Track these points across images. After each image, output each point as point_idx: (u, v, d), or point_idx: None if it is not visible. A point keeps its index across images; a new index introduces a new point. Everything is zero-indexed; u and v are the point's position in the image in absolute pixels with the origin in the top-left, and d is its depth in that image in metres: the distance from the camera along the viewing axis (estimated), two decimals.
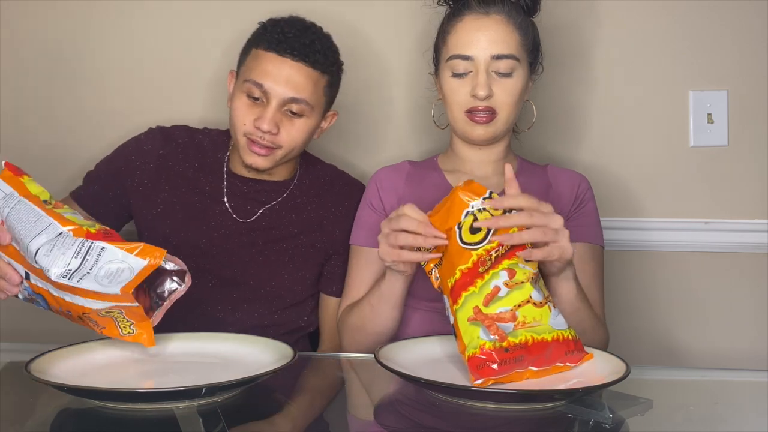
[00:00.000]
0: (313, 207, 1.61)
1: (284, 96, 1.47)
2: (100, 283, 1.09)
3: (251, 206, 1.58)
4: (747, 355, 1.81)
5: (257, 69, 1.48)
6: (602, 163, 1.85)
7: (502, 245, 1.15)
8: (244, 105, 1.49)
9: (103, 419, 1.07)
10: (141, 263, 1.09)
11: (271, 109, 1.47)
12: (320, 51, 1.49)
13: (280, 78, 1.46)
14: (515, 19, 1.45)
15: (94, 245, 1.09)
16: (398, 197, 1.54)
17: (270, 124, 1.47)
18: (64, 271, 1.08)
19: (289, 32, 1.48)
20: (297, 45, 1.47)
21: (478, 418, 1.07)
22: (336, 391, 1.29)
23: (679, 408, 1.18)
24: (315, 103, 1.50)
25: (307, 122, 1.51)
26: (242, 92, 1.49)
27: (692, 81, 1.83)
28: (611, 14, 1.83)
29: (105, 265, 1.08)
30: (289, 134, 1.50)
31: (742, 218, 1.82)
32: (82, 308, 1.12)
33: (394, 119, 1.87)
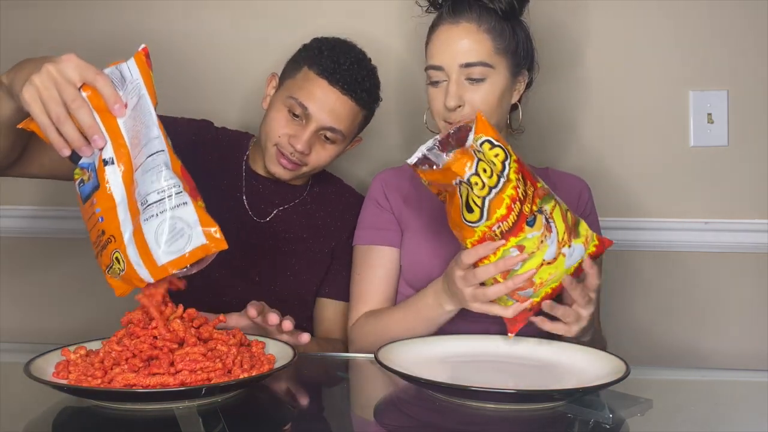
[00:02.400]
0: (321, 214, 1.65)
1: (324, 124, 1.50)
2: (156, 237, 1.04)
3: (266, 206, 1.61)
4: (747, 355, 1.82)
5: (305, 90, 1.50)
6: (602, 163, 1.85)
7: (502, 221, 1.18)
8: (283, 118, 1.52)
9: (103, 419, 1.07)
10: (200, 240, 1.05)
11: (308, 132, 1.50)
12: (367, 89, 1.54)
13: (325, 106, 1.50)
14: (487, 24, 1.44)
15: (181, 195, 1.05)
16: (403, 197, 1.55)
17: (304, 145, 1.50)
18: (143, 199, 1.05)
19: (344, 63, 1.51)
20: (349, 78, 1.51)
21: (478, 418, 1.07)
22: (336, 391, 1.29)
23: (679, 408, 1.18)
24: (349, 134, 1.55)
25: (336, 148, 1.55)
26: (283, 105, 1.52)
27: (692, 81, 1.83)
28: (611, 15, 1.83)
29: (173, 219, 1.04)
30: (318, 156, 1.54)
31: (742, 218, 1.82)
32: (120, 234, 1.08)
33: (390, 125, 1.87)
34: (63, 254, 1.97)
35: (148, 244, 1.05)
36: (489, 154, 1.18)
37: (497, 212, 1.17)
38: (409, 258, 1.50)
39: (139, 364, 1.09)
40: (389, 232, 1.53)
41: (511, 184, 1.17)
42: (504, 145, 1.20)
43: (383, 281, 1.51)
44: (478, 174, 1.17)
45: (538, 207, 1.20)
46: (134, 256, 1.06)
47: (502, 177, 1.17)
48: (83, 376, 1.07)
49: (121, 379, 1.06)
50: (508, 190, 1.17)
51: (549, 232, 1.20)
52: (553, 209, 1.21)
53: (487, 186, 1.17)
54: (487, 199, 1.17)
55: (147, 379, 1.05)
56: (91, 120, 1.09)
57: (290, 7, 1.88)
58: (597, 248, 1.27)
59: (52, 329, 1.96)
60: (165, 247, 1.04)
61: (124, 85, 1.11)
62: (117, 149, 1.10)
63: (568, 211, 1.25)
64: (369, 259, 1.53)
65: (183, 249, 1.05)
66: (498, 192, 1.17)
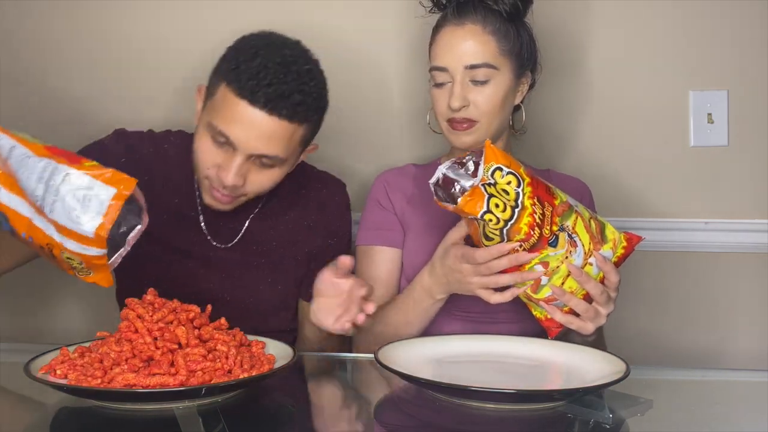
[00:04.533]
0: (290, 216, 1.51)
1: (253, 152, 1.30)
2: (69, 216, 1.03)
3: (227, 226, 1.46)
4: (747, 355, 1.82)
5: (224, 115, 1.29)
6: (602, 164, 1.85)
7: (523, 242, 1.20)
8: (208, 146, 1.32)
9: (103, 419, 1.07)
10: (110, 192, 1.04)
11: (236, 164, 1.30)
12: (301, 102, 1.29)
13: (250, 132, 1.28)
14: (492, 26, 1.44)
15: (59, 169, 1.04)
16: (406, 198, 1.55)
17: (234, 178, 1.31)
18: (34, 197, 1.04)
19: (264, 76, 1.27)
20: (274, 95, 1.27)
21: (478, 418, 1.07)
22: (336, 391, 1.29)
23: (679, 408, 1.18)
24: (289, 155, 1.34)
25: (278, 171, 1.36)
26: (206, 132, 1.32)
27: (692, 81, 1.83)
28: (611, 15, 1.83)
29: (70, 193, 1.03)
30: (255, 183, 1.35)
31: (742, 218, 1.82)
32: (50, 238, 1.07)
33: (393, 126, 1.87)
34: None
35: (71, 228, 1.05)
36: (501, 183, 1.18)
37: (516, 237, 1.20)
38: (411, 257, 1.51)
39: (139, 364, 1.09)
40: (391, 233, 1.53)
41: (526, 212, 1.18)
42: (516, 170, 1.20)
43: (385, 281, 1.51)
44: (490, 211, 1.18)
45: (559, 226, 1.21)
46: (73, 245, 1.06)
47: (516, 207, 1.18)
48: (83, 376, 1.07)
49: (121, 379, 1.06)
50: (524, 218, 1.18)
51: (574, 247, 1.22)
52: (576, 223, 1.22)
53: (501, 220, 1.18)
54: (504, 230, 1.19)
55: (147, 379, 1.06)
56: None
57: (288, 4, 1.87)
58: (626, 249, 1.28)
59: (52, 329, 1.96)
60: (83, 218, 1.04)
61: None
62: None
63: (592, 219, 1.25)
64: (370, 259, 1.53)
65: (100, 209, 1.04)
66: (514, 223, 1.18)
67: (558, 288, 1.24)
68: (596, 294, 1.25)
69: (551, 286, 1.24)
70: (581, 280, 1.24)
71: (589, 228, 1.24)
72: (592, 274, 1.25)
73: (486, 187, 1.18)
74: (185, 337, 1.12)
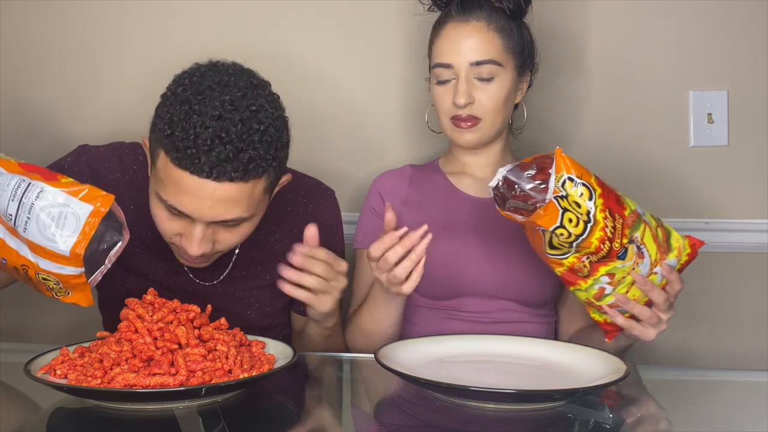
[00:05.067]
0: (276, 238, 1.41)
1: (212, 219, 1.17)
2: (44, 235, 0.99)
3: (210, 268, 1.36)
4: (747, 355, 1.81)
5: (170, 188, 1.15)
6: (602, 163, 1.84)
7: (591, 255, 1.18)
8: (165, 218, 1.20)
9: (102, 419, 1.07)
10: (86, 208, 1.00)
11: (197, 234, 1.18)
12: (251, 158, 1.13)
13: (202, 203, 1.14)
14: (497, 23, 1.45)
15: (32, 185, 1.00)
16: (402, 200, 1.55)
17: (200, 248, 1.19)
18: (7, 216, 1.01)
19: (203, 143, 1.11)
20: (217, 160, 1.11)
21: (478, 418, 1.07)
22: (336, 391, 1.29)
23: (679, 408, 1.18)
24: (255, 211, 1.22)
25: (248, 224, 1.23)
26: (159, 201, 1.19)
27: (692, 81, 1.83)
28: (611, 15, 1.83)
29: (44, 210, 0.99)
30: (226, 241, 1.23)
31: (742, 218, 1.82)
32: (25, 259, 1.05)
33: (389, 127, 1.87)
34: None
35: (46, 247, 1.02)
36: (573, 195, 1.15)
37: (586, 250, 1.18)
38: None
39: (139, 364, 1.09)
40: None
41: (598, 226, 1.16)
42: (587, 181, 1.16)
43: None
44: (563, 226, 1.15)
45: (629, 238, 1.18)
46: (49, 265, 1.04)
47: (589, 222, 1.15)
48: (83, 376, 1.07)
49: (121, 380, 1.05)
50: (596, 233, 1.16)
51: (641, 259, 1.21)
52: (644, 233, 1.20)
53: (573, 234, 1.16)
54: (574, 244, 1.17)
55: (147, 379, 1.05)
56: None
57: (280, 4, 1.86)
58: (690, 255, 1.26)
59: (52, 329, 1.96)
60: (59, 237, 1.01)
61: None
62: None
63: (659, 227, 1.24)
64: (365, 263, 1.53)
65: (76, 227, 1.01)
66: (586, 237, 1.16)
67: (622, 296, 1.23)
68: (660, 302, 1.24)
69: (615, 294, 1.23)
70: (646, 289, 1.22)
71: (656, 237, 1.21)
72: (656, 281, 1.24)
73: (559, 200, 1.14)
74: (185, 337, 1.12)
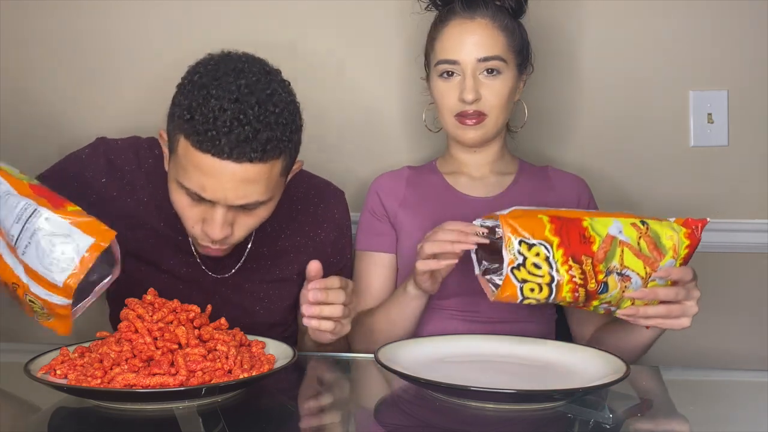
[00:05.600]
0: (286, 234, 1.44)
1: (232, 203, 1.20)
2: (41, 262, 1.00)
3: (223, 260, 1.39)
4: (747, 355, 1.81)
5: (191, 172, 1.18)
6: (602, 163, 1.85)
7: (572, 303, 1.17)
8: (187, 205, 1.23)
9: (103, 419, 1.07)
10: (87, 241, 1.01)
11: (218, 219, 1.21)
12: (269, 138, 1.17)
13: (224, 186, 1.17)
14: (501, 21, 1.46)
15: (38, 212, 1.01)
16: (399, 201, 1.55)
17: (222, 232, 1.22)
18: (9, 236, 1.02)
19: (223, 125, 1.14)
20: (237, 141, 1.15)
21: (478, 418, 1.07)
22: (336, 391, 1.29)
23: (679, 408, 1.18)
24: (273, 193, 1.24)
25: (266, 208, 1.26)
26: (179, 189, 1.22)
27: (692, 81, 1.83)
28: (611, 15, 1.83)
29: (45, 238, 1.00)
30: (245, 227, 1.26)
31: (742, 218, 1.82)
32: (17, 278, 1.06)
33: (387, 128, 1.87)
34: None
35: (41, 273, 1.02)
36: (530, 257, 1.13)
37: (562, 302, 1.18)
38: (404, 259, 1.52)
39: (139, 364, 1.09)
40: (384, 238, 1.54)
41: (564, 281, 1.14)
42: (540, 237, 1.13)
43: (379, 286, 1.53)
44: (527, 297, 1.15)
45: (605, 272, 1.15)
46: (39, 290, 1.04)
47: (552, 283, 1.14)
48: (83, 376, 1.07)
49: (121, 380, 1.06)
50: (564, 289, 1.15)
51: (628, 281, 1.17)
52: (623, 256, 1.16)
53: (542, 298, 1.16)
54: (549, 301, 1.17)
55: (147, 379, 1.06)
56: None
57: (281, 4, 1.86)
58: (691, 241, 1.21)
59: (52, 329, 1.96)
60: (55, 267, 1.01)
61: None
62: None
63: (642, 237, 1.18)
64: (366, 263, 1.55)
65: (74, 259, 1.02)
66: (555, 297, 1.16)
67: (632, 308, 1.19)
68: (672, 297, 1.20)
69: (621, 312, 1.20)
70: (650, 299, 1.20)
71: (640, 252, 1.17)
72: (659, 285, 1.20)
73: (515, 272, 1.13)
74: (185, 337, 1.12)
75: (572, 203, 1.53)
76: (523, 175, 1.56)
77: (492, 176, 1.55)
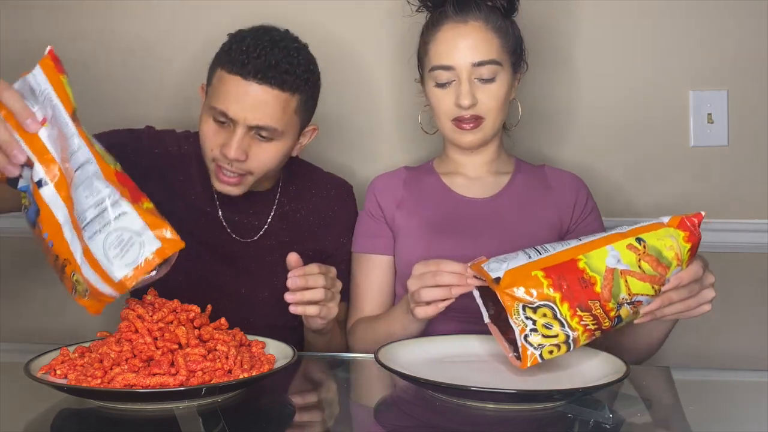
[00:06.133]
0: (302, 214, 1.57)
1: (250, 123, 1.37)
2: (105, 253, 1.00)
3: (247, 223, 1.53)
4: (747, 355, 1.81)
5: (221, 93, 1.37)
6: (602, 163, 1.85)
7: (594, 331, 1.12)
8: (211, 130, 1.40)
9: (103, 419, 1.07)
10: (153, 246, 1.01)
11: (237, 136, 1.37)
12: (288, 71, 1.37)
13: (245, 104, 1.35)
14: (494, 23, 1.45)
15: (119, 204, 1.01)
16: (397, 202, 1.55)
17: (237, 151, 1.37)
18: (81, 217, 1.02)
19: (253, 52, 1.36)
20: (262, 66, 1.35)
21: (478, 418, 1.07)
22: (336, 391, 1.29)
23: (679, 408, 1.18)
24: (285, 127, 1.40)
25: (278, 145, 1.41)
26: (209, 116, 1.41)
27: (692, 81, 1.83)
28: (611, 15, 1.83)
29: (117, 231, 1.00)
30: (258, 159, 1.40)
31: (742, 218, 1.82)
32: (71, 255, 1.05)
33: (384, 128, 1.88)
34: None
35: (100, 263, 1.01)
36: (538, 320, 1.09)
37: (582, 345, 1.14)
38: (402, 261, 1.51)
39: (139, 364, 1.09)
40: (382, 240, 1.54)
41: (579, 332, 1.10)
42: (542, 297, 1.09)
43: (377, 288, 1.53)
44: (546, 359, 1.11)
45: (615, 308, 1.11)
46: (91, 275, 1.03)
47: (568, 340, 1.10)
48: (83, 376, 1.07)
49: (121, 380, 1.06)
50: (581, 340, 1.11)
51: (639, 305, 1.13)
52: (628, 284, 1.11)
53: (563, 353, 1.12)
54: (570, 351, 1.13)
55: (147, 379, 1.06)
56: (7, 136, 1.04)
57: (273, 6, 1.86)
58: (692, 240, 1.15)
59: (52, 329, 1.96)
60: (117, 262, 1.01)
61: (35, 98, 1.06)
62: (48, 168, 1.05)
63: (642, 260, 1.12)
64: (364, 266, 1.54)
65: (137, 259, 1.01)
66: (574, 347, 1.12)
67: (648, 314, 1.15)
68: (686, 295, 1.17)
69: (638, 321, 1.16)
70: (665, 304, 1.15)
71: (644, 276, 1.12)
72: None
73: (529, 341, 1.09)
74: (185, 337, 1.12)
75: (569, 202, 1.52)
76: (519, 175, 1.56)
77: (489, 176, 1.55)
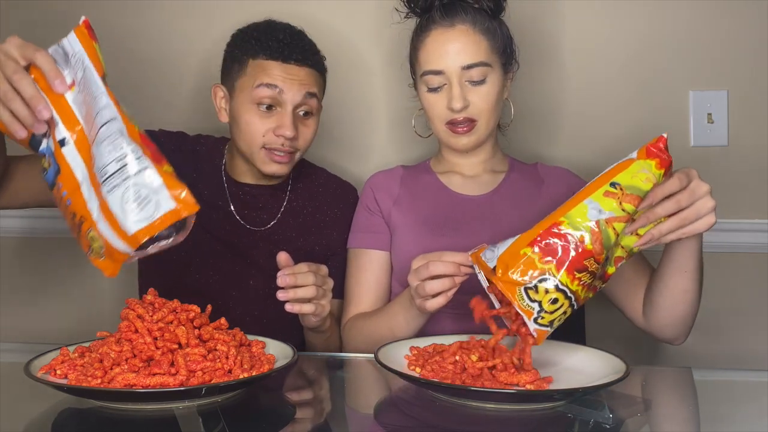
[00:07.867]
0: (309, 210, 1.62)
1: (298, 99, 1.47)
2: (122, 206, 1.02)
3: (258, 214, 1.58)
4: (747, 355, 1.81)
5: (265, 79, 1.47)
6: (602, 164, 1.84)
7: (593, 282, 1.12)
8: (257, 117, 1.48)
9: (103, 419, 1.07)
10: (169, 205, 1.02)
11: (289, 115, 1.47)
12: (317, 53, 1.53)
13: (293, 82, 1.47)
14: (481, 25, 1.45)
15: (141, 160, 1.03)
16: (393, 199, 1.55)
17: (292, 129, 1.47)
18: (102, 171, 1.03)
19: (284, 38, 1.49)
20: (297, 50, 1.49)
21: (477, 418, 1.07)
22: (336, 391, 1.30)
23: (679, 408, 1.18)
24: (317, 107, 1.52)
25: (315, 120, 1.53)
26: (251, 104, 1.48)
27: (692, 81, 1.83)
28: (611, 15, 1.83)
29: (136, 186, 1.02)
30: (303, 136, 1.51)
31: (742, 218, 1.82)
32: (88, 212, 1.06)
33: (378, 130, 1.88)
34: (62, 254, 1.97)
35: (116, 216, 1.03)
36: (545, 299, 1.08)
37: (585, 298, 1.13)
38: (399, 257, 1.52)
39: (139, 364, 1.09)
40: (379, 235, 1.54)
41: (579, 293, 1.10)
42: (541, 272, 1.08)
43: (373, 284, 1.53)
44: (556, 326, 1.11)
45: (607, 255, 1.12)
46: (106, 229, 1.04)
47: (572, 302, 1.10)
48: (83, 376, 1.07)
49: (121, 380, 1.06)
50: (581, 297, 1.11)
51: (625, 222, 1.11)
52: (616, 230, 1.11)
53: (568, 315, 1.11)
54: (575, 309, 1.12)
55: (147, 379, 1.06)
56: (33, 91, 1.06)
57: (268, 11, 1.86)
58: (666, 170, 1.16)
59: (52, 329, 1.96)
60: (133, 216, 1.02)
61: (68, 61, 1.09)
62: (70, 127, 1.08)
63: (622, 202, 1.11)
64: (360, 261, 1.54)
65: (152, 216, 1.02)
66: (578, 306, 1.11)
67: (645, 236, 1.12)
68: (674, 207, 1.13)
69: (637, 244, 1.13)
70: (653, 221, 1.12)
71: (629, 216, 1.11)
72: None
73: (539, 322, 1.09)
74: (185, 337, 1.12)
75: (563, 194, 1.52)
76: (514, 173, 1.57)
77: (485, 175, 1.55)
